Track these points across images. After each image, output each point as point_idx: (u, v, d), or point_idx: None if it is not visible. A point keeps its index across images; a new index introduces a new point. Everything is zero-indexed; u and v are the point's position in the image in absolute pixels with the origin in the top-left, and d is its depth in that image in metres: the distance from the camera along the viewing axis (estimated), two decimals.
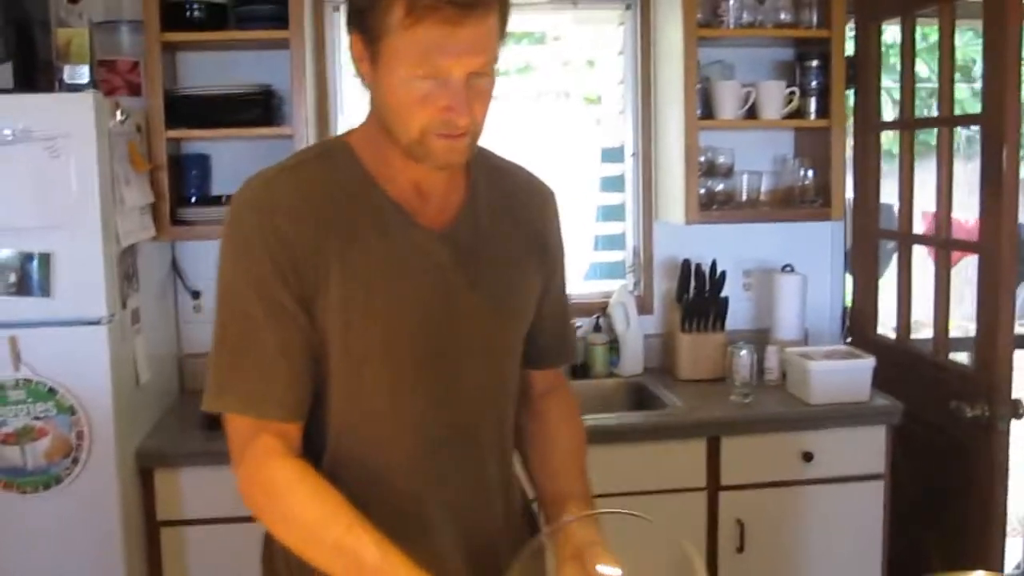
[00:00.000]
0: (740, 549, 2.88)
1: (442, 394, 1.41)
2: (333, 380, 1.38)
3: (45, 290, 2.41)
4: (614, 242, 3.58)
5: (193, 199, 3.07)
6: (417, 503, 1.42)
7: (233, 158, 3.18)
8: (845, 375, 2.98)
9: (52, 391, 2.44)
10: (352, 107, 3.32)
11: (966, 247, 3.08)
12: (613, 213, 3.58)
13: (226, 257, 1.35)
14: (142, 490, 2.67)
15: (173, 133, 2.91)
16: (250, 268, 1.32)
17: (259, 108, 2.97)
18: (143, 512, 2.68)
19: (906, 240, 3.24)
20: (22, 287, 2.40)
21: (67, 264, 2.42)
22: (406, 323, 1.36)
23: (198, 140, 3.10)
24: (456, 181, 1.43)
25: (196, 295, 3.24)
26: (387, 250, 1.35)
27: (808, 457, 2.89)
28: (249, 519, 2.60)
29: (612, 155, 3.57)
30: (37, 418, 2.44)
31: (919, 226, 3.34)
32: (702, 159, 3.21)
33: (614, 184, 3.57)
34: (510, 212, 1.48)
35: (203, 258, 3.23)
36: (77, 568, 2.50)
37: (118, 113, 2.57)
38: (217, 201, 3.10)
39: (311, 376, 1.36)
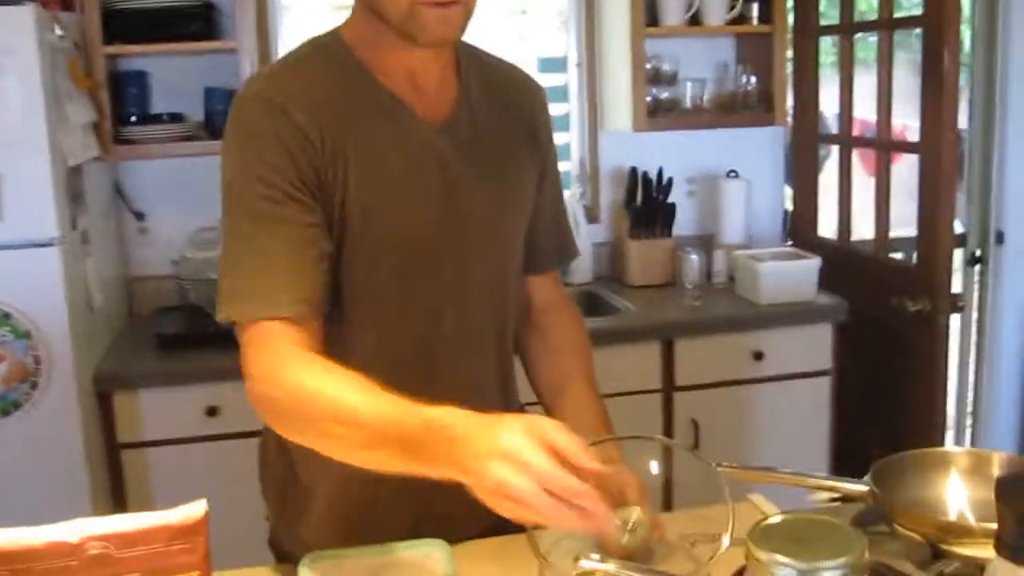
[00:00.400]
0: (695, 446, 2.97)
1: (447, 289, 1.40)
2: (344, 277, 1.36)
3: None
4: (558, 152, 3.58)
5: (134, 118, 2.99)
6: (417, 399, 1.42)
7: (173, 74, 3.10)
8: (792, 275, 3.06)
9: (7, 315, 2.39)
10: (291, 20, 3.26)
11: (907, 148, 3.15)
12: (556, 124, 3.57)
13: (231, 157, 1.30)
14: (101, 413, 2.65)
15: (111, 49, 2.82)
16: (260, 162, 1.27)
17: (200, 21, 2.89)
18: (104, 435, 2.66)
19: (847, 143, 3.31)
20: None
21: (15, 184, 2.36)
22: (416, 217, 1.35)
23: (137, 56, 3.01)
24: (448, 75, 1.41)
25: (140, 216, 3.18)
26: (395, 143, 1.33)
27: (759, 356, 2.98)
28: (208, 438, 2.65)
29: (552, 65, 3.56)
30: None
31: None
32: (648, 67, 3.22)
33: (555, 95, 3.56)
34: (501, 105, 1.47)
35: (146, 178, 3.17)
36: (42, 493, 2.48)
37: (57, 27, 2.48)
38: (159, 119, 3.02)
39: (327, 272, 1.30)
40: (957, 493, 1.40)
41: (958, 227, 3.34)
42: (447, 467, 1.04)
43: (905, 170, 3.52)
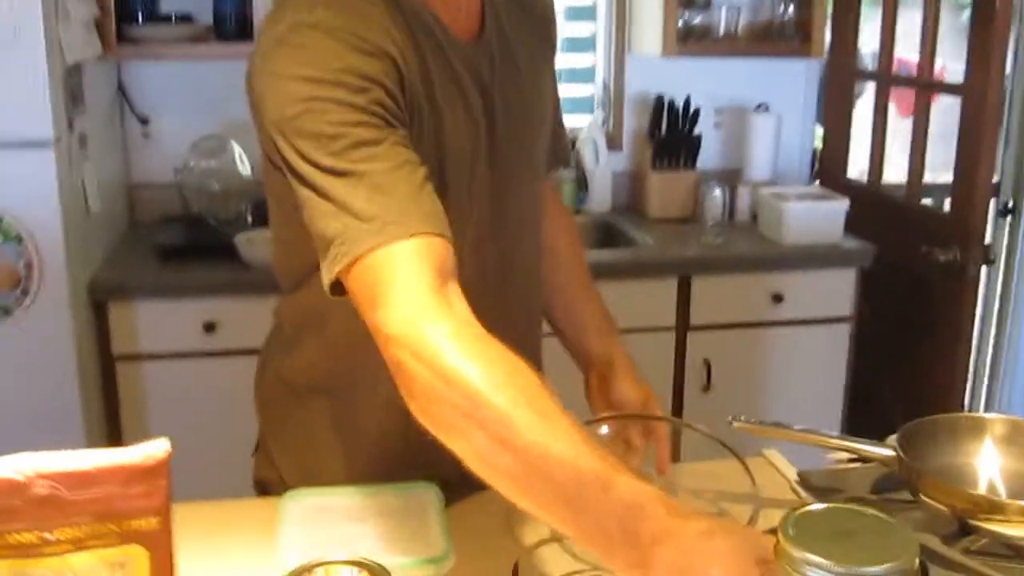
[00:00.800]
0: (706, 388, 2.88)
1: (492, 220, 1.28)
2: None
3: None
4: (581, 75, 3.45)
5: (139, 16, 2.85)
6: None
7: None
8: (818, 216, 2.93)
9: None
10: None
11: (949, 90, 3.00)
12: (581, 45, 3.44)
13: (291, 88, 1.06)
14: (96, 324, 2.57)
15: None
16: (339, 87, 1.05)
17: None
18: (98, 346, 2.58)
19: (886, 81, 3.15)
20: None
21: (8, 80, 2.24)
22: (462, 144, 1.21)
23: None
24: None
25: (144, 121, 3.06)
26: (438, 63, 1.18)
27: (778, 298, 2.88)
28: (205, 354, 2.58)
29: None
30: None
31: None
32: None
33: (582, 14, 3.41)
34: (522, 10, 1.34)
35: (152, 81, 3.05)
36: (31, 402, 2.41)
37: None
38: (167, 19, 2.88)
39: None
40: (990, 464, 1.30)
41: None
42: (617, 551, 0.83)
43: (938, 114, 3.38)
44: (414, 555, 1.12)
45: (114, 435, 2.63)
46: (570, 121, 3.29)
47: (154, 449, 0.87)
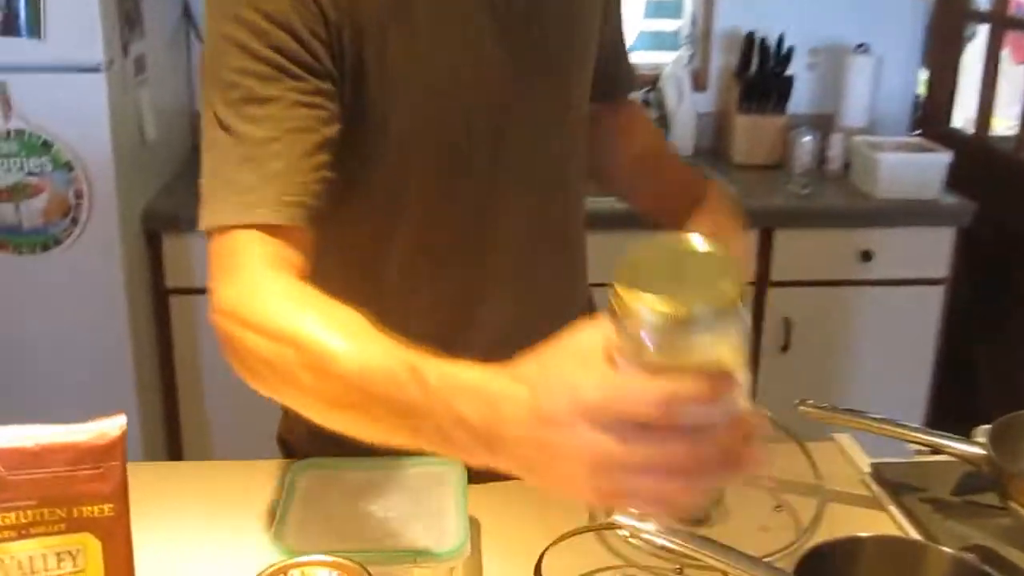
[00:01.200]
0: (785, 348, 2.71)
1: (517, 166, 1.13)
2: (372, 168, 1.08)
3: (35, 31, 2.15)
4: (667, 9, 3.26)
5: None
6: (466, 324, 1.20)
7: None
8: (916, 169, 2.71)
9: (47, 144, 2.23)
10: None
11: None
12: None
13: (209, 21, 1.00)
14: (149, 255, 2.50)
15: None
16: (241, 25, 0.96)
17: None
18: (151, 278, 2.51)
19: (1000, 23, 2.89)
20: (9, 27, 2.14)
21: (58, 1, 2.15)
22: (455, 77, 1.06)
23: None
24: None
25: None
26: None
27: (866, 256, 2.68)
28: None
29: None
30: (32, 174, 2.24)
31: None
32: None
33: None
34: None
35: None
36: (79, 333, 2.37)
37: None
38: None
39: (329, 164, 0.99)
40: None
41: None
42: (465, 446, 0.73)
43: None
44: (422, 544, 1.00)
45: (166, 370, 2.58)
46: (653, 57, 3.15)
47: (108, 426, 0.76)
